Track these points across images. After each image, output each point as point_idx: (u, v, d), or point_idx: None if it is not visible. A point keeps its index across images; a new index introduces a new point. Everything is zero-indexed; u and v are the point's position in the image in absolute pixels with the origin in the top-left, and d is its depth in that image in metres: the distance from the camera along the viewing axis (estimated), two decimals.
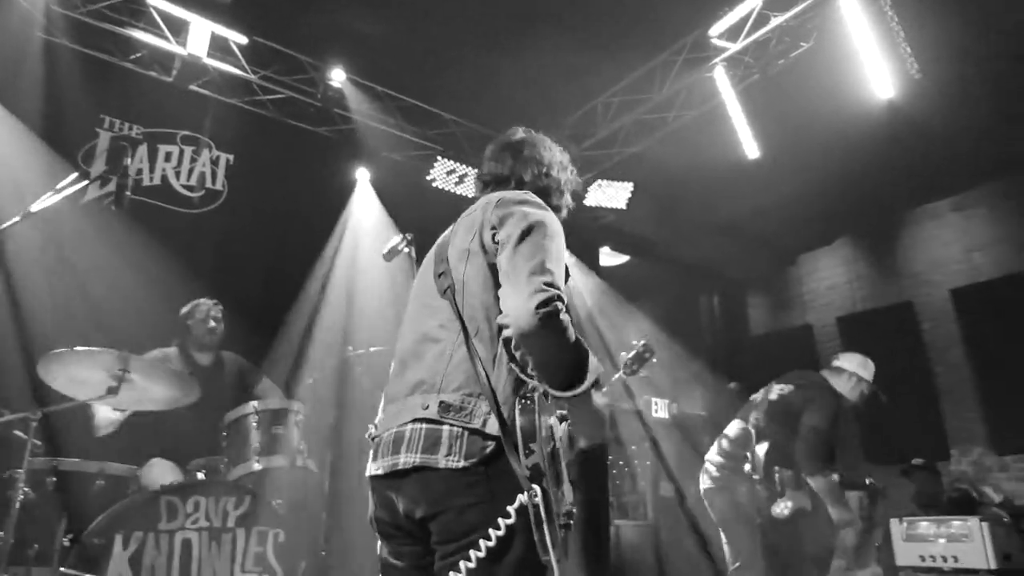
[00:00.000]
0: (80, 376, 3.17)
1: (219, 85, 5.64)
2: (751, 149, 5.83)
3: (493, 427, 1.65)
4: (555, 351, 1.61)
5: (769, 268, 9.25)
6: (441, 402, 1.70)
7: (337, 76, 5.76)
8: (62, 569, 2.87)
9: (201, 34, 5.13)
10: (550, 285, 1.62)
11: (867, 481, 3.99)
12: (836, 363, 4.13)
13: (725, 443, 3.80)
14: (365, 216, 6.19)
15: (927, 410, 7.31)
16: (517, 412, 1.65)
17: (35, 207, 3.18)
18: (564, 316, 1.60)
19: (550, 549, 1.53)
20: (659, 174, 7.21)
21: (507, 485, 1.58)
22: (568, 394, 1.61)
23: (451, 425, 1.67)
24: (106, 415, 3.60)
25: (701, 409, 8.19)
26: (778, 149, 5.95)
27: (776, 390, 3.99)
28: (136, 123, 5.33)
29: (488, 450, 1.63)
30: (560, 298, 1.61)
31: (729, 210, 7.88)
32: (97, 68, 5.15)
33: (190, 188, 5.45)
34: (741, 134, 5.79)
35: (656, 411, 8.87)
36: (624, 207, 7.19)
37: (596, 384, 1.67)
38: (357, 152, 6.25)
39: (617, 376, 3.55)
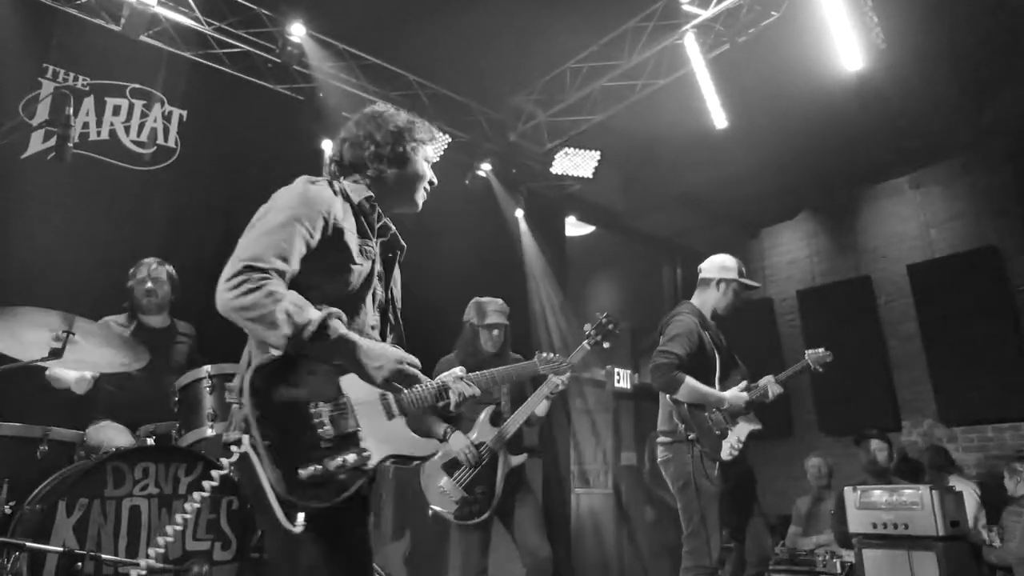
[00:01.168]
0: (23, 336, 3.02)
1: (171, 37, 5.37)
2: (719, 119, 5.79)
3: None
4: (245, 319, 1.73)
5: (732, 240, 9.30)
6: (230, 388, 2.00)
7: (297, 31, 5.53)
8: (2, 539, 2.75)
9: None
10: (242, 262, 1.76)
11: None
12: (700, 276, 4.03)
13: (665, 412, 3.79)
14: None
15: (881, 382, 7.49)
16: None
17: None
18: (248, 282, 1.73)
19: (265, 488, 1.70)
20: (626, 143, 7.16)
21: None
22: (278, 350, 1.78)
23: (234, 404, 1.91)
24: (71, 374, 3.47)
25: None
26: (746, 120, 5.93)
27: None
28: (82, 74, 5.04)
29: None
30: (255, 268, 1.75)
31: (695, 181, 7.87)
32: (40, 14, 4.85)
33: (140, 144, 5.20)
34: (709, 103, 5.74)
35: (618, 381, 8.94)
36: (591, 176, 7.13)
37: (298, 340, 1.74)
38: (318, 113, 6.03)
39: (581, 347, 3.61)
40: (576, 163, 7.08)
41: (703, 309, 3.90)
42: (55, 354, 3.03)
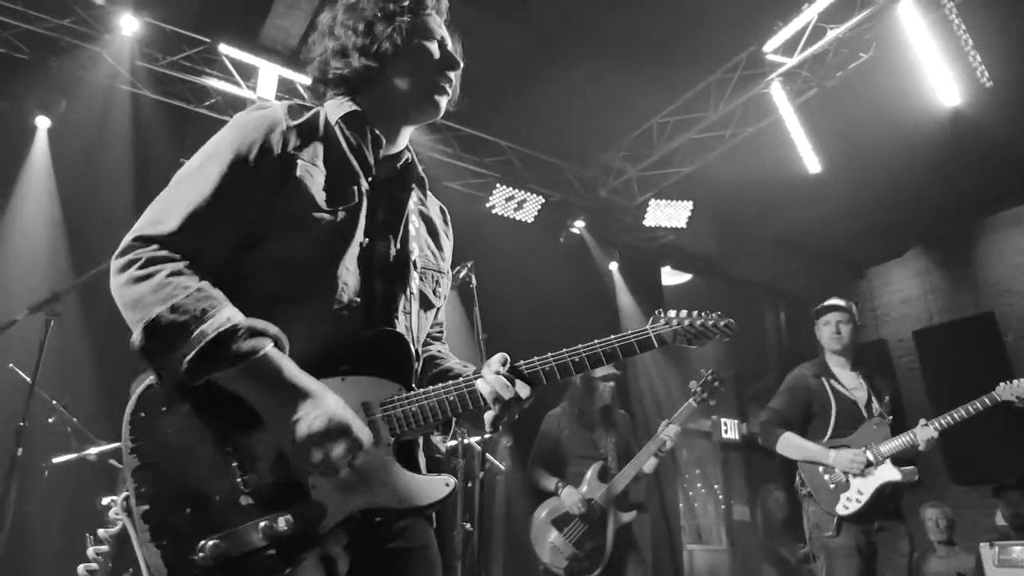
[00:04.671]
0: None
1: None
2: (811, 163, 5.75)
3: None
4: (132, 322, 1.20)
5: (836, 282, 9.00)
6: None
7: None
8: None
9: (269, 78, 5.42)
10: (132, 232, 1.26)
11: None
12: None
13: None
14: None
15: (1015, 426, 6.94)
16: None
17: None
18: (133, 260, 1.21)
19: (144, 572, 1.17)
20: (718, 192, 7.16)
21: None
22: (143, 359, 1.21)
23: None
24: None
25: None
26: (839, 161, 5.85)
27: None
28: None
29: None
30: (146, 240, 1.24)
31: (791, 225, 7.74)
32: (177, 115, 5.48)
33: None
34: (800, 148, 5.72)
35: (726, 432, 8.70)
36: (684, 226, 7.15)
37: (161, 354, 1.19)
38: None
39: (688, 405, 3.77)
40: (669, 214, 7.13)
41: (827, 356, 3.83)
42: None
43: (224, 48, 5.33)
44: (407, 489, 1.32)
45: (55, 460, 3.37)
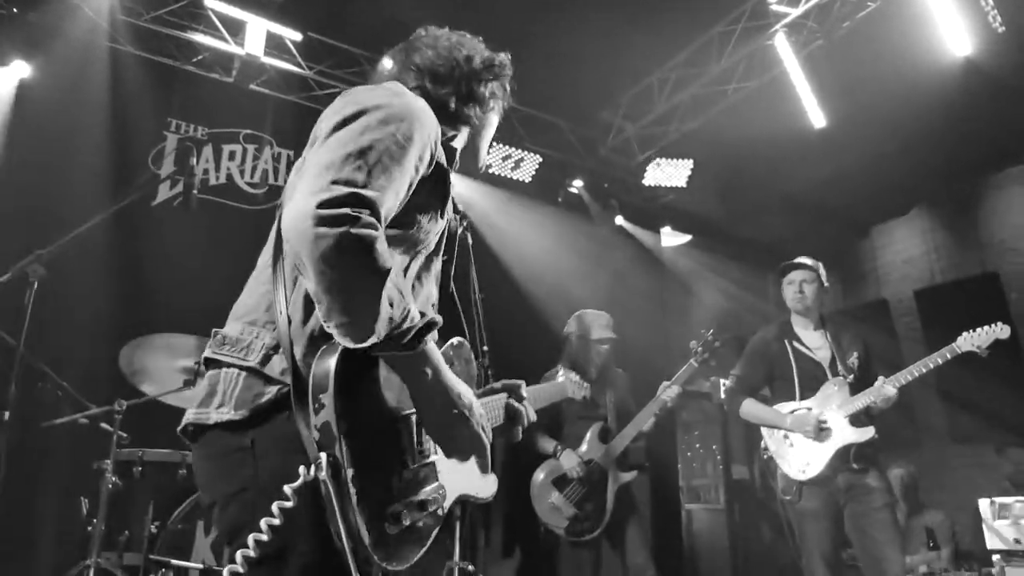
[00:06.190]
0: (157, 367, 3.30)
1: (277, 83, 5.74)
2: (817, 118, 5.61)
3: (276, 366, 1.23)
4: (335, 275, 1.10)
5: (839, 242, 8.90)
6: (217, 333, 1.34)
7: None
8: (151, 556, 2.99)
9: (257, 33, 5.24)
10: (349, 183, 1.15)
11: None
12: None
13: None
14: None
15: (1018, 385, 6.92)
16: (319, 352, 1.18)
17: (112, 208, 3.30)
18: (364, 231, 1.11)
19: (343, 540, 1.09)
20: (720, 149, 7.02)
21: (284, 459, 1.14)
22: (353, 344, 1.14)
23: (227, 364, 1.28)
24: None
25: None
26: (845, 116, 5.70)
27: None
28: (201, 124, 5.49)
29: (264, 399, 1.21)
30: (365, 203, 1.14)
31: (795, 184, 7.59)
32: (162, 72, 5.31)
33: (254, 185, 5.58)
34: (806, 103, 5.57)
35: (724, 393, 8.68)
36: (684, 185, 7.03)
37: (405, 343, 1.18)
38: None
39: (689, 365, 3.79)
40: (669, 173, 7.00)
41: (792, 317, 3.76)
42: (187, 384, 3.30)
43: (210, 1, 5.15)
44: (483, 480, 1.51)
45: (44, 424, 3.31)
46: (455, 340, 1.55)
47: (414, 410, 1.30)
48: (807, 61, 5.51)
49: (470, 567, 3.49)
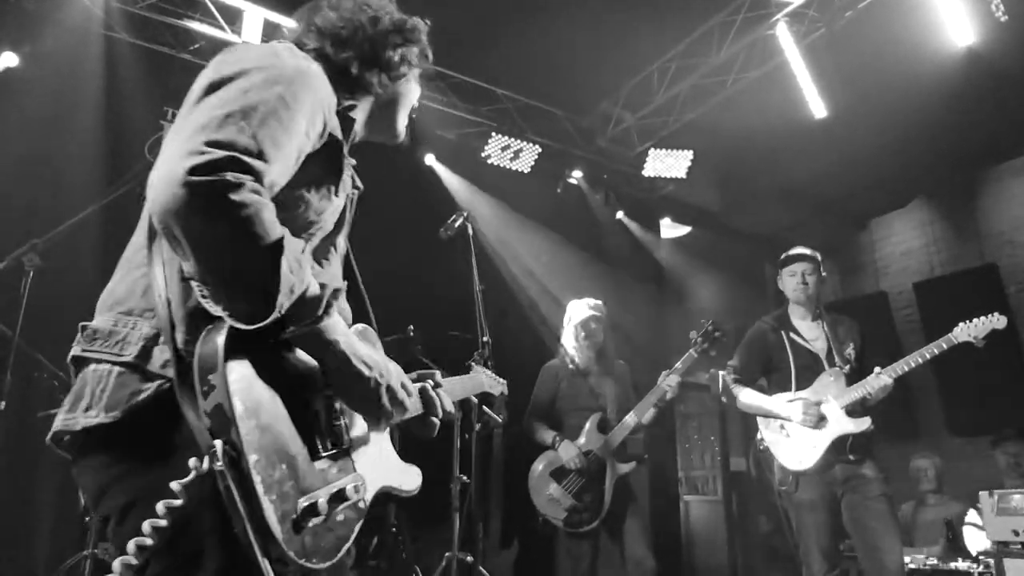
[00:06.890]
0: None
1: None
2: (817, 108, 5.58)
3: (157, 359, 1.09)
4: (212, 245, 0.98)
5: (839, 234, 8.88)
6: (86, 327, 1.19)
7: None
8: None
9: (254, 21, 5.19)
10: (228, 147, 1.01)
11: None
12: None
13: None
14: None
15: (1015, 377, 6.92)
16: (205, 332, 1.04)
17: (108, 197, 3.28)
18: (247, 196, 0.99)
19: (251, 537, 0.96)
20: (720, 140, 6.98)
21: (175, 459, 1.01)
22: (242, 325, 1.01)
23: (97, 361, 1.14)
24: None
25: None
26: (846, 107, 5.67)
27: None
28: None
29: (141, 397, 1.07)
30: (247, 169, 1.01)
31: (794, 175, 7.57)
32: (158, 61, 5.26)
33: None
34: (806, 93, 5.54)
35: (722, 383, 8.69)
36: (684, 176, 7.00)
37: (310, 321, 1.09)
38: (411, 132, 6.22)
39: (688, 355, 3.73)
40: (668, 164, 6.97)
41: (790, 308, 3.74)
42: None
43: None
44: (404, 471, 1.40)
45: (40, 414, 3.29)
46: (359, 326, 1.44)
47: (322, 388, 1.18)
48: (808, 51, 5.48)
49: (469, 558, 3.49)
